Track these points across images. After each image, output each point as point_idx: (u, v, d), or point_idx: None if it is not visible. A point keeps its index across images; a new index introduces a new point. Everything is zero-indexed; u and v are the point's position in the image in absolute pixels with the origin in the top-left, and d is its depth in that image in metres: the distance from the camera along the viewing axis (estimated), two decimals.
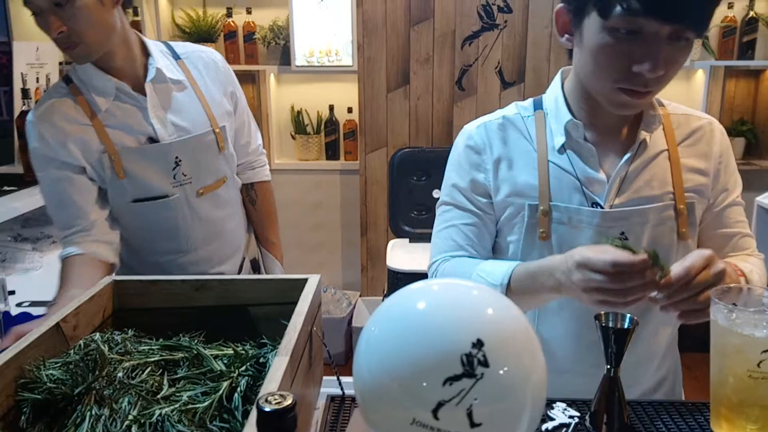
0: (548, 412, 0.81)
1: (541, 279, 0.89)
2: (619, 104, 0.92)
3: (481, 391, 0.47)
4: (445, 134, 2.98)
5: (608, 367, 0.77)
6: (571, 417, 0.80)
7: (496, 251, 1.08)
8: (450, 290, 0.54)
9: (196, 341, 0.83)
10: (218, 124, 1.43)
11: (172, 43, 1.47)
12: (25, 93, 2.21)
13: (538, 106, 1.04)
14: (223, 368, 0.76)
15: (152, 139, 1.36)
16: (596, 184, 0.98)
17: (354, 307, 3.07)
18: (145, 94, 1.35)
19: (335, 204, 3.33)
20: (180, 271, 1.46)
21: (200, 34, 3.12)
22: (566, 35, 0.95)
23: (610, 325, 0.76)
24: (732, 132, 3.07)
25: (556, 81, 1.04)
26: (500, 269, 0.96)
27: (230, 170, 1.51)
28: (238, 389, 0.72)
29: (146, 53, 1.38)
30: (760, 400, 0.73)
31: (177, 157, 1.37)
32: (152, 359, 0.77)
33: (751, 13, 3.01)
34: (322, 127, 3.23)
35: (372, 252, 3.10)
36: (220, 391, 0.71)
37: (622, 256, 0.77)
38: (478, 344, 0.47)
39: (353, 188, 3.19)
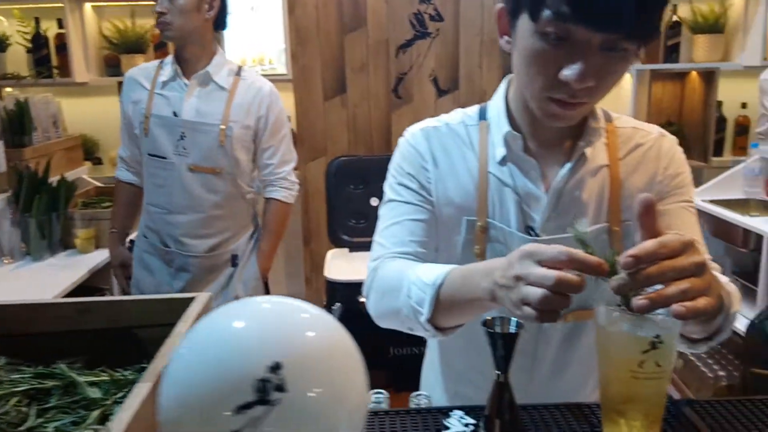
0: (444, 421, 0.79)
1: (476, 279, 0.78)
2: (550, 114, 0.86)
3: (277, 419, 0.44)
4: (384, 142, 2.98)
5: (497, 372, 0.76)
6: (467, 425, 0.79)
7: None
8: (264, 310, 0.50)
9: (77, 366, 0.79)
10: (227, 124, 1.83)
11: (246, 68, 1.97)
12: None
13: (482, 115, 0.99)
14: (99, 395, 0.72)
15: (176, 114, 1.84)
16: (534, 200, 0.93)
17: None
18: None
19: None
20: (163, 225, 1.92)
21: (129, 45, 3.04)
22: (505, 37, 0.89)
23: (497, 330, 0.75)
24: None
25: (501, 89, 0.98)
26: (438, 268, 0.85)
27: (230, 167, 1.87)
28: (111, 417, 0.68)
29: (209, 62, 1.87)
30: (644, 400, 0.73)
31: (183, 133, 1.83)
32: (20, 389, 0.72)
33: (675, 18, 3.12)
34: None
35: (315, 262, 3.07)
36: (89, 420, 0.67)
37: (579, 251, 0.68)
38: (276, 368, 0.44)
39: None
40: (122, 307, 0.87)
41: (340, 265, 2.49)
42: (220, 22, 1.89)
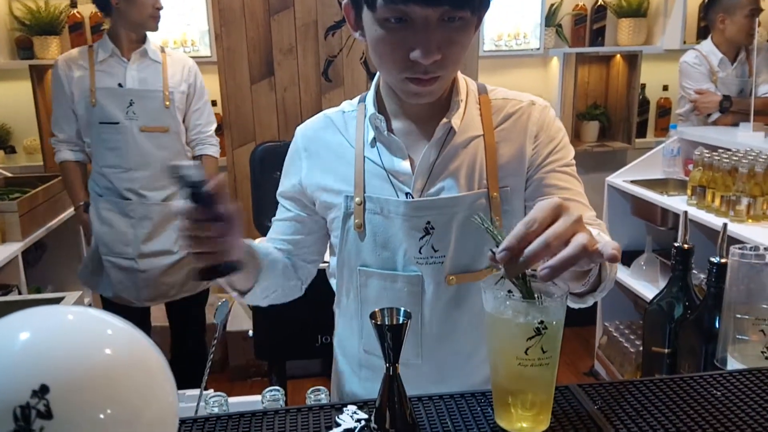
0: (336, 418, 0.77)
1: None
2: (411, 94, 0.92)
3: None
4: None
5: (387, 365, 0.74)
6: (358, 420, 0.77)
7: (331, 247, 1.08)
8: (54, 322, 0.45)
9: None
10: (168, 90, 2.23)
11: (167, 49, 2.37)
12: None
13: (362, 100, 1.04)
14: None
15: (121, 86, 2.19)
16: (403, 175, 0.98)
17: (230, 310, 2.96)
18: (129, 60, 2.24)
19: None
20: (121, 182, 2.22)
21: (42, 26, 2.88)
22: (358, 30, 0.94)
23: (386, 322, 0.73)
24: (586, 116, 3.23)
25: (378, 74, 1.02)
26: None
27: (175, 125, 2.26)
28: None
29: (143, 42, 2.26)
30: (531, 387, 0.73)
31: (131, 100, 2.19)
32: None
33: (600, 2, 3.18)
34: None
35: None
36: None
37: None
38: (41, 392, 0.40)
39: None
40: None
41: None
42: None
